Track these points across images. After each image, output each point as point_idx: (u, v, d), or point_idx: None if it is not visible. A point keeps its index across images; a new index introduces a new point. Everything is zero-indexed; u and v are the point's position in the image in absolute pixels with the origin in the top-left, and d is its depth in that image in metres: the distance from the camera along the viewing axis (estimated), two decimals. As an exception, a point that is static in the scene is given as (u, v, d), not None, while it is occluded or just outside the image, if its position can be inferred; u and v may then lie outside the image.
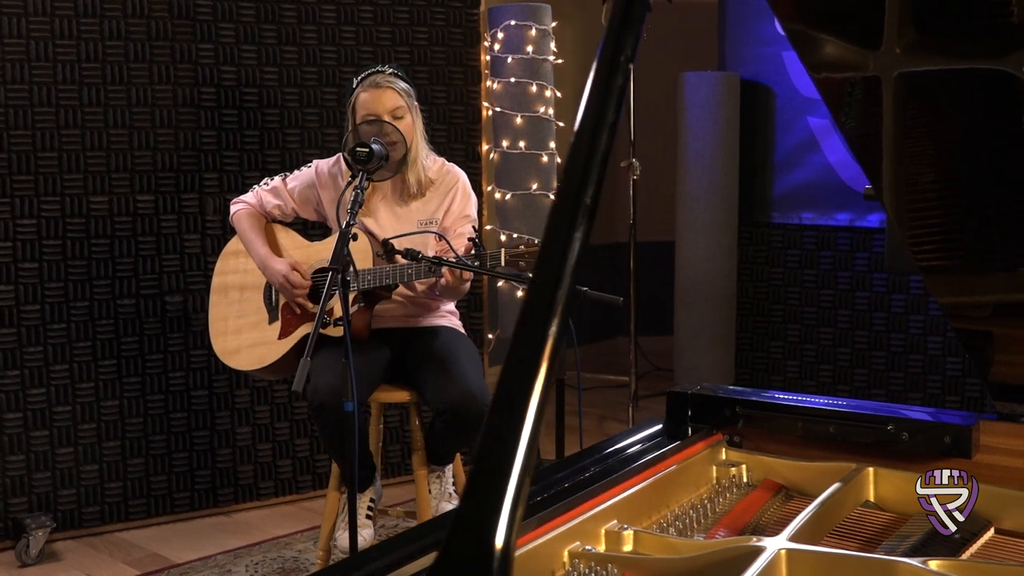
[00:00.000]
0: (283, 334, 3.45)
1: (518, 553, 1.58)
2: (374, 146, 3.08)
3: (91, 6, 4.07)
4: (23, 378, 4.08)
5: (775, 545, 1.58)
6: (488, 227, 4.83)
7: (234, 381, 4.42)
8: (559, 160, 5.27)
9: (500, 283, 5.03)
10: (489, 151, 5.06)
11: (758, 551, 1.56)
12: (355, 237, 2.93)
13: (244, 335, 3.52)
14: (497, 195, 5.11)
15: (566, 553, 1.66)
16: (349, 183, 3.12)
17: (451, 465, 3.61)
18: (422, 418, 3.56)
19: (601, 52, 0.96)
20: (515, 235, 4.91)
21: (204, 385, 4.39)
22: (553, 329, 0.83)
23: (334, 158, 3.55)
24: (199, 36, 4.27)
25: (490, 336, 5.03)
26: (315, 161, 3.60)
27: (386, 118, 3.31)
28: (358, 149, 3.05)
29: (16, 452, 4.08)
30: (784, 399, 2.11)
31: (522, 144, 5.05)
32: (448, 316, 3.63)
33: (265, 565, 3.96)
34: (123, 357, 4.25)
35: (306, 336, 3.32)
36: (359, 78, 3.40)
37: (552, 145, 5.18)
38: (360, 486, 3.43)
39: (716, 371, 5.38)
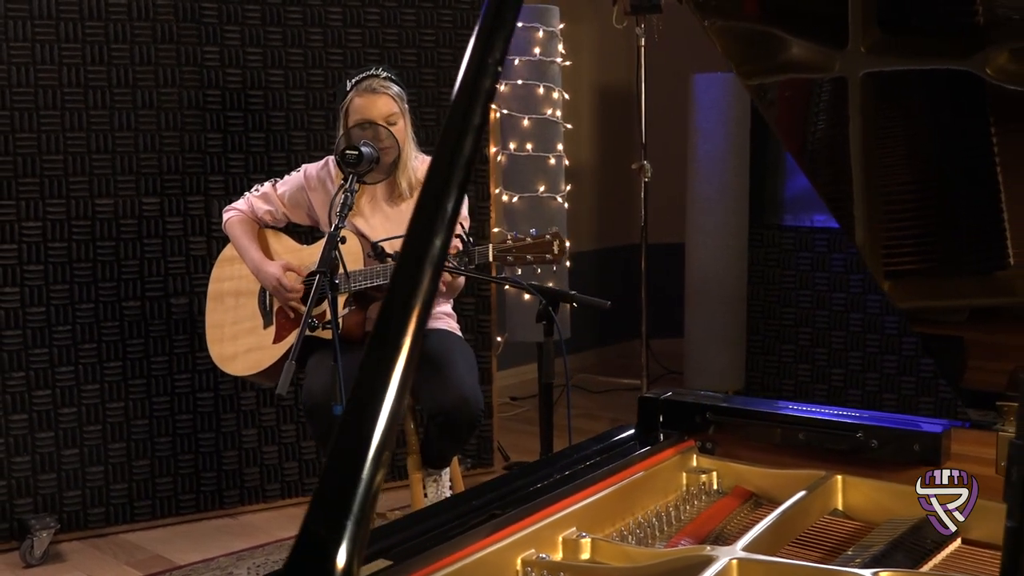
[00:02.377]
0: (278, 338, 3.45)
1: (467, 561, 1.56)
2: (364, 149, 3.07)
3: (96, 9, 4.08)
4: (28, 380, 4.10)
5: (728, 555, 1.55)
6: (495, 229, 4.82)
7: (240, 383, 4.42)
8: (567, 162, 5.25)
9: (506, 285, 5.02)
10: (496, 153, 5.05)
11: (710, 560, 1.54)
12: (343, 240, 2.93)
13: (240, 341, 3.53)
14: (504, 197, 5.09)
15: (519, 561, 1.63)
16: (340, 186, 3.12)
17: (448, 469, 3.60)
18: (417, 421, 3.55)
19: (469, 54, 0.94)
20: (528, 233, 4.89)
21: (210, 387, 4.40)
22: (408, 338, 0.81)
23: (322, 162, 3.56)
24: (205, 39, 4.28)
25: (498, 339, 5.02)
26: (304, 166, 3.61)
27: (381, 123, 3.31)
28: (347, 152, 3.04)
29: (22, 453, 4.10)
30: (754, 406, 2.08)
31: (529, 146, 5.03)
32: (444, 319, 3.62)
33: (267, 567, 3.96)
34: (129, 359, 4.26)
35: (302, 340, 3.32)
36: (353, 81, 3.40)
37: (560, 147, 5.16)
38: (354, 489, 3.42)
39: (727, 375, 5.34)
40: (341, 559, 0.74)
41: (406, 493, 3.75)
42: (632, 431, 2.09)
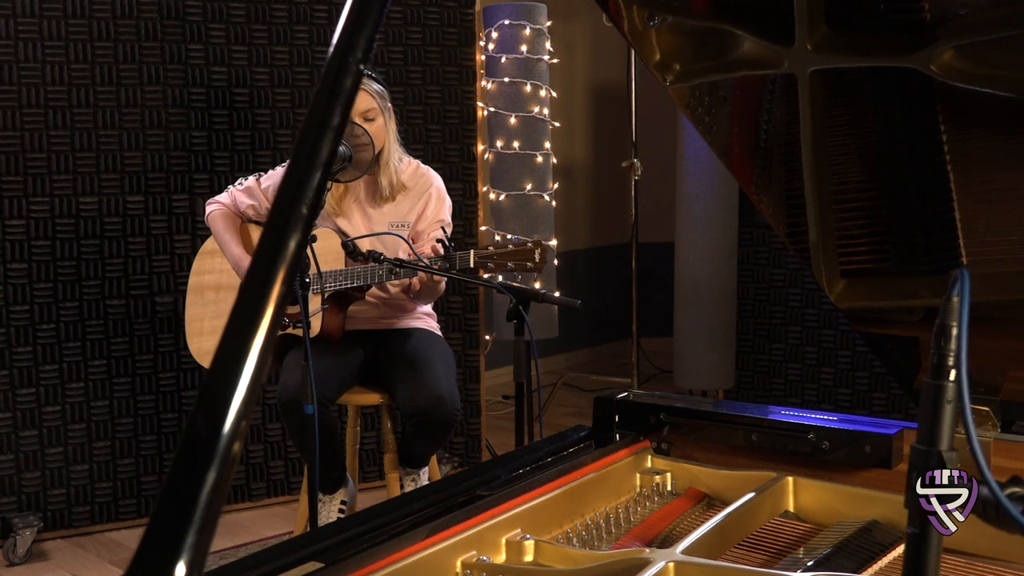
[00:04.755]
0: (256, 335, 3.44)
1: (404, 563, 1.55)
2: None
3: (80, 7, 4.08)
4: (12, 378, 4.10)
5: (665, 557, 1.53)
6: (483, 228, 4.80)
7: (225, 382, 4.41)
8: (554, 160, 5.22)
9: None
10: (484, 151, 5.03)
11: (646, 563, 1.52)
12: (314, 238, 2.91)
13: (219, 335, 3.52)
14: (492, 195, 5.07)
15: (459, 564, 1.62)
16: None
17: (426, 468, 3.58)
18: (395, 421, 3.53)
19: (331, 53, 0.92)
20: (509, 236, 4.88)
21: (195, 386, 4.39)
22: (257, 342, 0.79)
23: (304, 158, 3.54)
24: (189, 37, 4.27)
25: (487, 338, 5.00)
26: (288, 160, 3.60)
27: (357, 120, 3.29)
28: (319, 150, 3.02)
29: (5, 452, 4.10)
30: (708, 407, 2.06)
31: (516, 144, 5.01)
32: (424, 318, 3.60)
33: (249, 566, 3.94)
34: (113, 357, 4.26)
35: (280, 338, 3.31)
36: (330, 78, 3.39)
37: (547, 145, 5.14)
38: (330, 487, 3.42)
39: (716, 374, 5.31)
40: (180, 571, 0.73)
41: (384, 493, 3.74)
42: (587, 431, 2.07)
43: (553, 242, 5.25)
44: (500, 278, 3.27)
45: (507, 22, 4.94)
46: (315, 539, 1.57)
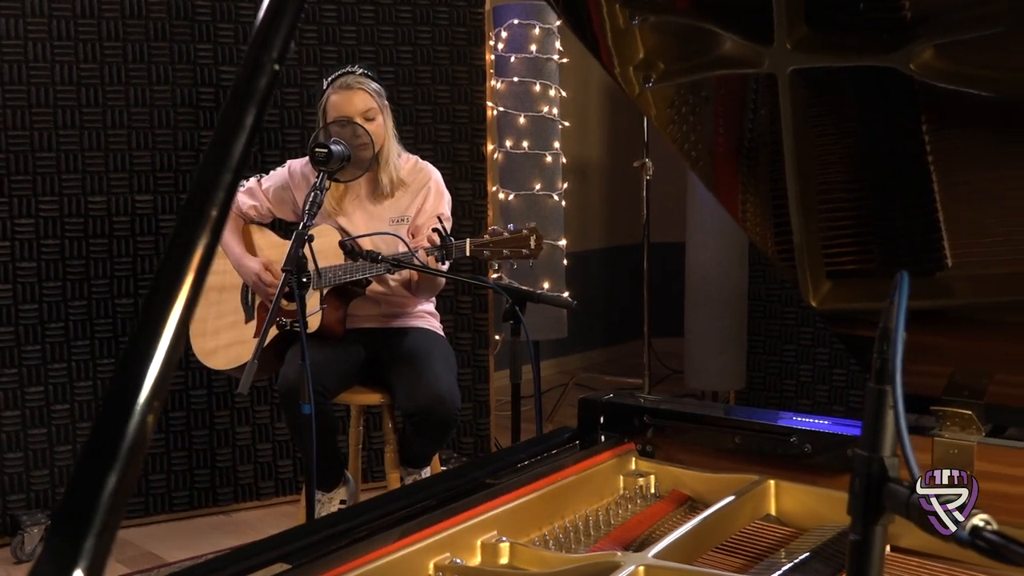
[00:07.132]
0: (258, 332, 3.44)
1: (373, 565, 1.54)
2: (334, 147, 3.06)
3: (89, 7, 4.10)
4: (21, 376, 4.12)
5: (636, 561, 1.52)
6: (492, 228, 4.78)
7: (233, 380, 4.42)
8: (564, 160, 5.21)
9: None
10: (493, 151, 5.02)
11: (616, 567, 1.50)
12: (311, 239, 2.91)
13: (222, 335, 3.53)
14: (501, 195, 5.06)
15: (431, 566, 1.61)
16: (313, 184, 3.11)
17: (428, 468, 3.58)
18: (395, 420, 3.53)
19: (247, 53, 0.91)
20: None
21: (203, 384, 4.40)
22: (162, 347, 0.79)
23: (307, 158, 3.55)
24: (198, 36, 4.28)
25: (496, 337, 4.99)
26: (288, 161, 3.61)
27: (358, 120, 3.30)
28: (316, 150, 3.03)
29: (14, 450, 4.12)
30: (692, 409, 2.04)
31: (526, 144, 5.00)
32: (426, 317, 3.60)
33: (254, 565, 3.95)
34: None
35: (282, 335, 3.31)
36: (329, 79, 3.40)
37: (556, 145, 5.12)
38: (328, 485, 3.42)
39: (727, 375, 5.28)
40: (82, 565, 0.72)
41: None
42: (572, 433, 2.06)
43: (563, 242, 5.23)
44: (497, 266, 3.25)
45: (516, 21, 4.94)
46: (285, 540, 1.57)
